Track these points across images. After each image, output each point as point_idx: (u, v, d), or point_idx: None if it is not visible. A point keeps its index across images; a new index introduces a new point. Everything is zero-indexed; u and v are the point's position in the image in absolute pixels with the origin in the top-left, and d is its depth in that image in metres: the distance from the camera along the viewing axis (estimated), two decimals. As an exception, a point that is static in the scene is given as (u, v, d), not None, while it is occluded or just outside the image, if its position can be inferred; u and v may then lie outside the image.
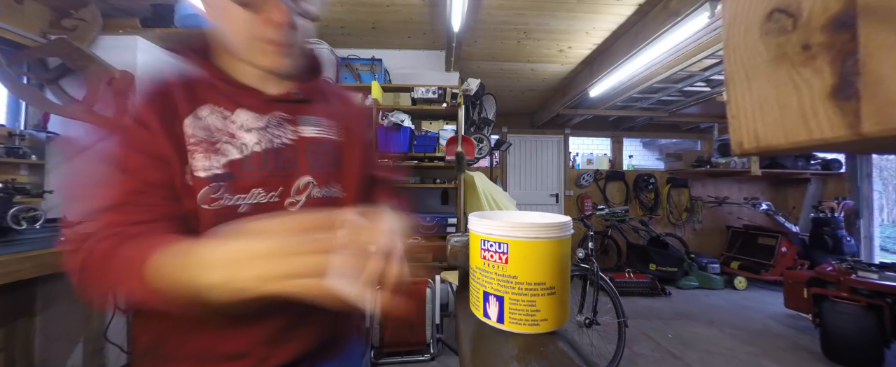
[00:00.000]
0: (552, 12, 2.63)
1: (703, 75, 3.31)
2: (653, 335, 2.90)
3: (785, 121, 0.19)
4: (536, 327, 0.42)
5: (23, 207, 1.89)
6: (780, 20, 0.19)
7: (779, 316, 3.32)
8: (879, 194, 5.55)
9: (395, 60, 3.29)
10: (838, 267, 2.62)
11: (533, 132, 5.64)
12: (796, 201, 4.99)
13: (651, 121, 5.07)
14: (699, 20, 2.12)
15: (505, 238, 0.43)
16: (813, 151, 0.20)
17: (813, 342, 2.70)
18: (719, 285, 4.19)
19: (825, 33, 0.17)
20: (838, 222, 3.94)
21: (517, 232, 0.42)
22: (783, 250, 4.06)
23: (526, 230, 0.42)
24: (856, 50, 0.15)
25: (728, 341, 2.80)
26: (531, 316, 0.42)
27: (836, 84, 0.16)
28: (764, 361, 2.48)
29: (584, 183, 5.48)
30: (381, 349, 2.41)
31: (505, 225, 0.43)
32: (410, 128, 2.89)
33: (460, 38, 2.68)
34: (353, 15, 2.74)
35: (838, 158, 4.48)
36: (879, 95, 0.15)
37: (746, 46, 0.21)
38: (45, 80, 2.36)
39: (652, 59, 2.75)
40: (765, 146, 0.20)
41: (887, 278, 2.34)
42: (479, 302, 0.47)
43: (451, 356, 2.44)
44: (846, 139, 0.16)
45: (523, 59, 3.49)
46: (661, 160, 5.77)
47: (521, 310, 0.42)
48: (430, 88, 2.94)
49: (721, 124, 5.01)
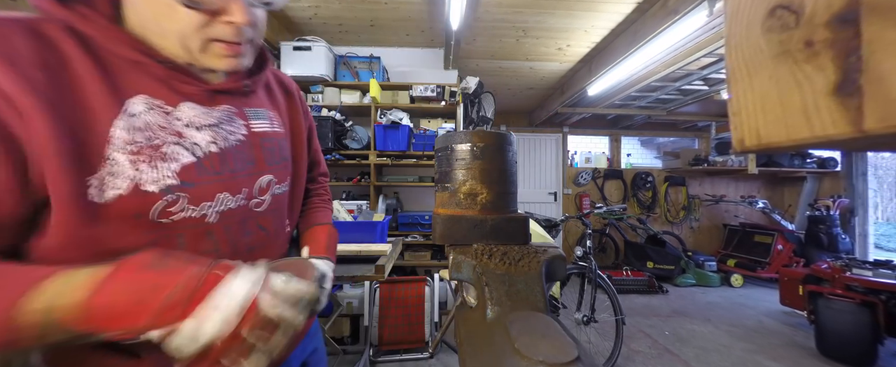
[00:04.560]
0: (551, 10, 2.62)
1: (701, 74, 3.32)
2: (650, 332, 2.91)
3: (787, 118, 0.19)
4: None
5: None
6: (782, 16, 0.19)
7: (774, 313, 3.35)
8: (874, 192, 5.60)
9: (393, 58, 3.28)
10: (833, 265, 2.65)
11: (531, 130, 5.64)
12: (792, 199, 5.02)
13: (649, 119, 5.08)
14: (697, 18, 2.12)
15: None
16: (815, 148, 0.20)
17: (808, 339, 2.72)
18: (716, 283, 4.22)
19: (828, 30, 0.17)
20: (834, 220, 3.97)
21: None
22: (779, 247, 4.09)
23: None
24: (859, 47, 0.15)
25: (724, 337, 2.82)
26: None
27: (839, 81, 0.16)
28: (759, 357, 2.50)
29: (583, 181, 5.49)
30: (379, 347, 2.41)
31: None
32: (409, 126, 2.89)
33: (459, 36, 2.67)
34: (352, 12, 2.72)
35: (834, 157, 4.51)
36: (882, 92, 0.15)
37: (748, 43, 0.21)
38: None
39: (650, 57, 2.75)
40: (766, 143, 0.20)
41: (881, 275, 2.36)
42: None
43: (451, 355, 2.44)
44: (849, 136, 0.16)
45: (522, 57, 3.49)
46: (659, 159, 5.79)
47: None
48: (428, 87, 2.94)
49: (718, 123, 5.03)
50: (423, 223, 2.95)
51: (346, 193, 3.07)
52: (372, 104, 2.89)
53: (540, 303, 0.51)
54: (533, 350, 0.37)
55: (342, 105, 2.87)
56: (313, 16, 2.79)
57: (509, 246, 0.60)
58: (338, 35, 3.09)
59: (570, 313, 2.38)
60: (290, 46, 2.75)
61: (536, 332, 0.42)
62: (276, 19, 2.77)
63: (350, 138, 2.92)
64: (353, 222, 2.08)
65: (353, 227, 2.03)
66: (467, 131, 0.57)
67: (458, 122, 3.01)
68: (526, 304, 0.50)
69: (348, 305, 2.58)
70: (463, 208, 0.66)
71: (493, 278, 0.54)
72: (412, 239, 2.87)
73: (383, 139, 2.86)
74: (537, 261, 0.57)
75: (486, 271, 0.54)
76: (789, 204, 5.04)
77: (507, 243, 0.63)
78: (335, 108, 2.86)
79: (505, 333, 0.43)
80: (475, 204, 0.66)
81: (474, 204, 0.66)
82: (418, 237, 2.89)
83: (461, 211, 0.65)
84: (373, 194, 2.90)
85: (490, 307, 0.50)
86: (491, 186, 0.66)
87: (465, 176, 0.66)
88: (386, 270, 1.50)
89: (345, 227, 2.03)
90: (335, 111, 2.83)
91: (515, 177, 0.75)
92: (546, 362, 0.34)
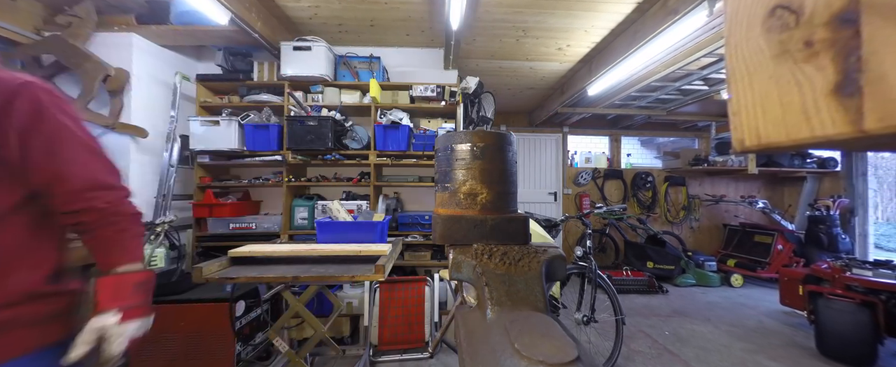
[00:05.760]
0: (551, 10, 2.62)
1: (701, 74, 3.32)
2: (650, 332, 2.91)
3: (787, 118, 0.19)
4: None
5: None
6: (782, 16, 0.19)
7: (774, 313, 3.35)
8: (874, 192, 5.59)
9: (393, 58, 3.28)
10: (833, 265, 2.65)
11: (531, 130, 5.64)
12: (792, 199, 5.02)
13: (649, 119, 5.09)
14: (697, 18, 2.12)
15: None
16: (815, 148, 0.20)
17: (808, 339, 2.72)
18: (716, 283, 4.22)
19: (828, 30, 0.17)
20: (834, 220, 3.97)
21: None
22: (779, 247, 4.09)
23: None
24: (859, 47, 0.15)
25: (724, 337, 2.82)
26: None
27: (839, 81, 0.16)
28: (759, 357, 2.50)
29: (583, 181, 5.49)
30: (379, 347, 2.41)
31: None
32: (409, 126, 2.89)
33: (459, 36, 2.67)
34: (352, 12, 2.72)
35: (834, 157, 4.51)
36: (882, 92, 0.15)
37: (748, 43, 0.21)
38: (39, 77, 2.34)
39: (650, 57, 2.75)
40: (766, 143, 0.20)
41: (881, 275, 2.36)
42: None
43: (451, 355, 2.44)
44: (849, 136, 0.16)
45: (522, 57, 3.49)
46: (659, 159, 5.79)
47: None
48: (428, 87, 2.94)
49: (718, 123, 5.04)
50: (423, 223, 2.95)
51: (346, 193, 3.07)
52: (372, 104, 2.89)
53: (540, 303, 0.51)
54: (533, 350, 0.37)
55: (342, 105, 2.87)
56: (313, 16, 2.79)
57: (509, 246, 0.60)
58: (338, 35, 3.09)
59: (570, 313, 2.38)
60: (290, 46, 2.75)
61: (536, 332, 0.42)
62: (276, 19, 2.77)
63: (350, 138, 2.92)
64: (353, 222, 2.08)
65: (353, 227, 2.03)
66: (467, 131, 0.57)
67: (458, 122, 3.01)
68: (526, 304, 0.50)
69: (348, 305, 2.58)
70: (463, 208, 0.66)
71: (493, 278, 0.54)
72: (412, 239, 2.87)
73: (383, 139, 2.86)
74: (537, 261, 0.56)
75: (486, 271, 0.54)
76: (789, 204, 5.05)
77: (507, 243, 0.63)
78: (335, 108, 2.86)
79: (505, 333, 0.43)
80: (475, 204, 0.66)
81: (474, 204, 0.66)
82: (418, 237, 2.89)
83: (461, 211, 0.65)
84: (373, 194, 2.90)
85: (490, 307, 0.50)
86: (491, 186, 0.66)
87: (465, 176, 0.66)
88: (386, 270, 1.50)
89: (345, 227, 2.03)
90: (335, 111, 2.83)
91: (515, 177, 0.75)
92: (546, 362, 0.34)
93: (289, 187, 2.85)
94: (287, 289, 1.74)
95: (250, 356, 2.19)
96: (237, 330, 2.03)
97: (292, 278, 1.40)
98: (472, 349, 0.43)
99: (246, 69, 2.95)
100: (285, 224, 2.82)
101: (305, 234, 2.81)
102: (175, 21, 2.50)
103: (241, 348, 2.09)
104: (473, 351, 0.43)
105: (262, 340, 2.33)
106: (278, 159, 2.77)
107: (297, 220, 2.84)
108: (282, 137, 2.81)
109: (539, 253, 0.58)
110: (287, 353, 1.65)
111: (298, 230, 2.82)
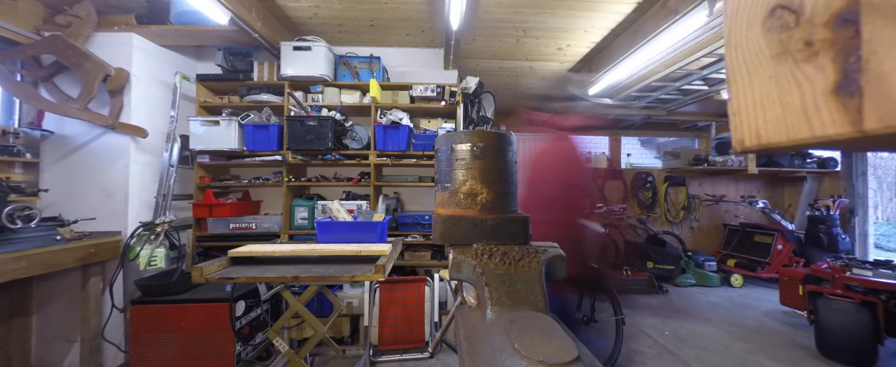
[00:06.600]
0: (551, 10, 2.63)
1: (701, 74, 3.31)
2: (650, 331, 2.91)
3: (787, 118, 0.19)
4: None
5: (18, 205, 1.88)
6: (782, 16, 0.19)
7: (774, 313, 3.35)
8: (874, 192, 5.60)
9: (393, 58, 3.28)
10: (833, 265, 2.65)
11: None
12: (792, 199, 5.02)
13: (649, 119, 5.09)
14: (697, 18, 2.12)
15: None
16: (815, 148, 0.20)
17: (808, 339, 2.72)
18: (716, 283, 4.22)
19: (828, 30, 0.17)
20: (833, 220, 3.97)
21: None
22: (779, 247, 4.09)
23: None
24: (859, 46, 0.15)
25: (724, 337, 2.82)
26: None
27: (839, 81, 0.16)
28: (759, 357, 2.50)
29: (582, 181, 5.49)
30: (379, 348, 2.41)
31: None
32: (409, 126, 2.89)
33: (459, 35, 2.67)
34: (352, 12, 2.72)
35: (834, 157, 4.51)
36: (882, 92, 0.15)
37: (748, 43, 0.21)
38: (39, 77, 2.34)
39: (650, 57, 2.75)
40: (766, 143, 0.20)
41: (881, 275, 2.36)
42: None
43: (451, 355, 2.44)
44: (849, 136, 0.16)
45: (522, 57, 3.49)
46: (659, 159, 5.79)
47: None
48: (428, 87, 2.94)
49: (718, 123, 5.04)
50: (423, 223, 2.95)
51: (346, 193, 3.07)
52: (372, 104, 2.89)
53: (540, 303, 0.51)
54: (533, 350, 0.37)
55: (342, 105, 2.87)
56: (313, 16, 2.79)
57: (509, 246, 0.60)
58: (338, 35, 3.10)
59: (570, 312, 2.38)
60: (290, 46, 2.75)
61: (536, 332, 0.42)
62: (276, 19, 2.77)
63: (350, 138, 2.92)
64: (353, 222, 2.08)
65: (353, 227, 2.03)
66: (467, 131, 0.57)
67: (458, 122, 3.01)
68: (526, 304, 0.50)
69: (348, 305, 2.58)
70: (463, 208, 0.66)
71: (493, 278, 0.54)
72: (412, 239, 2.87)
73: (383, 139, 2.86)
74: (537, 261, 0.56)
75: (486, 271, 0.54)
76: (789, 204, 5.05)
77: (507, 243, 0.63)
78: (335, 108, 2.86)
79: (505, 333, 0.43)
80: (475, 204, 0.66)
81: (474, 204, 0.66)
82: (418, 237, 2.89)
83: (461, 211, 0.65)
84: (373, 194, 2.90)
85: (490, 306, 0.50)
86: (491, 186, 0.66)
87: (465, 176, 0.66)
88: (386, 270, 1.50)
89: (345, 227, 2.03)
90: (335, 111, 2.83)
91: (515, 177, 0.75)
92: (546, 362, 0.34)
93: (289, 187, 2.85)
94: (287, 289, 1.74)
95: (250, 356, 2.19)
96: (237, 330, 2.03)
97: (292, 278, 1.40)
98: (472, 349, 0.43)
99: (246, 69, 2.95)
100: (285, 224, 2.82)
101: (305, 234, 2.81)
102: (175, 21, 2.50)
103: (241, 348, 2.09)
104: (473, 351, 0.43)
105: (262, 340, 2.33)
106: (278, 159, 2.77)
107: (297, 220, 2.84)
108: (282, 137, 2.81)
109: (539, 253, 0.58)
110: (287, 353, 1.65)
111: (298, 230, 2.82)
